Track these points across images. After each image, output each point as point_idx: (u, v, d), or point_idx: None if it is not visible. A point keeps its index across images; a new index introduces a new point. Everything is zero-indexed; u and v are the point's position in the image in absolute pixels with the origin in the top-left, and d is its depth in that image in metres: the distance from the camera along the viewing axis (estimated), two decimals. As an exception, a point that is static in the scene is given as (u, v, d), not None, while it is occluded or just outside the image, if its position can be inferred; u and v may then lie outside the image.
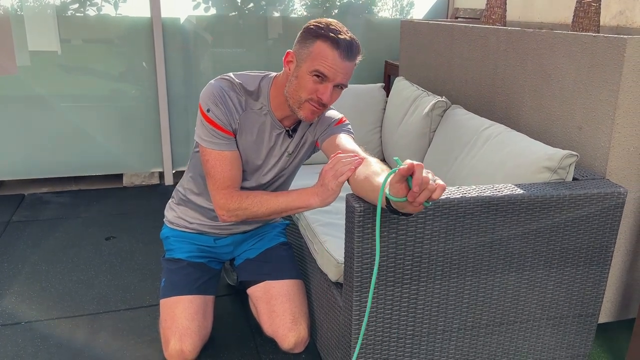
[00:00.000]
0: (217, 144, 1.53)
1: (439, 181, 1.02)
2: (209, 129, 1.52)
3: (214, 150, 1.53)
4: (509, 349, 1.59)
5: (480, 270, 1.46)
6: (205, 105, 1.52)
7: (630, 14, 2.17)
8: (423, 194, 1.00)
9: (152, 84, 3.17)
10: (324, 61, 1.44)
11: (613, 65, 1.56)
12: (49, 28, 2.97)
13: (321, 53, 1.44)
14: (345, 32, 1.47)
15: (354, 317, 1.41)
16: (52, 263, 2.33)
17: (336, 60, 1.44)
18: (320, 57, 1.44)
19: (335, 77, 1.46)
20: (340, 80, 1.48)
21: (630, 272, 1.76)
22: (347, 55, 1.45)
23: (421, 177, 0.98)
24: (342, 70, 1.46)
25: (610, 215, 1.50)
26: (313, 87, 1.47)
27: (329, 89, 1.47)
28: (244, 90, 1.58)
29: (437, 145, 2.06)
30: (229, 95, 1.55)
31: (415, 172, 0.98)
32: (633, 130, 1.60)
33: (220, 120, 1.52)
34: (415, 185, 0.98)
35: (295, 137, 1.66)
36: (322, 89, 1.47)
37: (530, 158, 1.56)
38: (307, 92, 1.48)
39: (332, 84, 1.46)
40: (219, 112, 1.52)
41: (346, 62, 1.46)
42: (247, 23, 3.27)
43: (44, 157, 3.15)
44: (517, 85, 1.99)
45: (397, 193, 1.04)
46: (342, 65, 1.45)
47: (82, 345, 1.81)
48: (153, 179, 3.35)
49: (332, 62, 1.44)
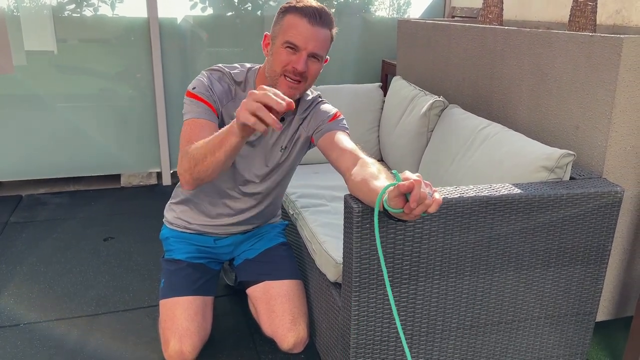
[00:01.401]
0: (194, 112, 1.51)
1: (437, 195, 1.03)
2: (189, 102, 1.53)
3: (189, 119, 1.51)
4: (507, 348, 1.59)
5: (478, 269, 1.46)
6: (191, 86, 1.55)
7: (627, 13, 2.18)
8: (419, 208, 1.01)
9: (150, 84, 3.17)
10: (293, 30, 1.46)
11: (610, 64, 1.57)
12: (46, 28, 2.97)
13: (291, 24, 1.47)
14: (314, 3, 1.50)
15: (352, 317, 1.42)
16: (50, 264, 2.33)
17: (305, 27, 1.46)
18: (290, 28, 1.47)
19: (307, 44, 1.46)
20: (312, 49, 1.47)
21: (628, 270, 1.76)
22: (316, 21, 1.46)
23: (419, 193, 0.99)
24: (312, 37, 1.46)
25: (608, 214, 1.51)
26: (287, 58, 1.48)
27: (303, 58, 1.47)
28: (233, 81, 1.61)
29: (434, 144, 2.06)
30: (220, 83, 1.59)
31: (414, 188, 0.99)
32: (630, 129, 1.60)
33: (203, 94, 1.53)
34: (412, 201, 1.00)
35: (284, 128, 1.66)
36: (295, 59, 1.48)
37: (527, 157, 1.56)
38: (281, 65, 1.49)
39: (305, 52, 1.47)
40: (203, 89, 1.54)
41: (316, 28, 1.47)
42: (245, 23, 3.27)
43: (42, 157, 3.14)
44: (514, 85, 1.99)
45: (395, 205, 1.06)
46: (312, 32, 1.46)
47: (81, 346, 1.81)
48: (151, 179, 3.35)
49: (301, 30, 1.46)
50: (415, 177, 1.01)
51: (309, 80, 1.52)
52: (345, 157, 1.46)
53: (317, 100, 1.68)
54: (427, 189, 1.02)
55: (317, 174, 2.28)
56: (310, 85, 1.58)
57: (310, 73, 1.50)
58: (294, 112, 1.66)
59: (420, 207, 1.01)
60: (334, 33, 1.53)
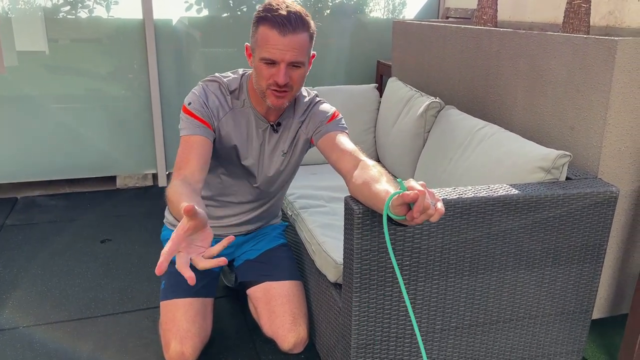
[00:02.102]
0: (188, 129, 1.53)
1: (439, 204, 1.04)
2: (185, 118, 1.54)
3: (184, 135, 1.53)
4: (505, 346, 1.61)
5: (477, 269, 1.48)
6: (187, 101, 1.56)
7: (619, 15, 2.21)
8: (421, 217, 1.03)
9: (145, 85, 3.16)
10: (266, 46, 1.44)
11: (604, 66, 1.59)
12: (39, 29, 2.96)
13: (263, 38, 1.44)
14: (284, 7, 1.43)
15: (353, 318, 1.43)
16: (48, 267, 2.33)
17: (277, 39, 1.42)
18: (263, 42, 1.44)
19: (283, 57, 1.44)
20: (290, 58, 1.44)
21: (622, 268, 1.79)
22: (288, 30, 1.41)
23: (423, 204, 1.01)
24: (287, 48, 1.42)
25: (603, 213, 1.53)
26: (268, 73, 1.47)
27: (282, 71, 1.45)
28: (229, 91, 1.61)
29: (431, 145, 2.08)
30: (216, 95, 1.59)
31: (419, 199, 1.01)
32: (624, 130, 1.63)
33: (198, 111, 1.54)
34: (416, 211, 1.02)
35: (282, 133, 1.67)
36: (275, 72, 1.46)
37: (524, 158, 1.58)
38: (264, 80, 1.48)
39: (283, 64, 1.45)
40: (199, 105, 1.55)
41: (289, 37, 1.42)
42: (240, 24, 3.27)
43: (36, 159, 3.13)
44: (510, 86, 2.01)
45: (398, 213, 1.08)
46: (286, 42, 1.42)
47: (81, 348, 1.81)
48: (147, 180, 3.35)
49: (274, 44, 1.42)
50: (419, 188, 1.03)
51: (295, 87, 1.52)
52: (346, 159, 1.47)
53: (314, 100, 1.69)
54: (430, 198, 1.04)
55: (315, 175, 2.29)
56: (299, 90, 1.57)
57: (294, 81, 1.50)
58: (292, 115, 1.67)
59: (423, 217, 1.03)
60: (312, 31, 1.49)
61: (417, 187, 1.03)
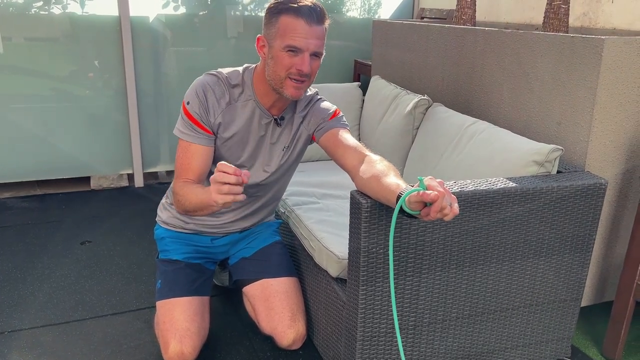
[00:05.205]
0: (188, 135, 1.57)
1: (456, 205, 1.09)
2: (185, 121, 1.58)
3: (184, 141, 1.58)
4: (502, 334, 1.66)
5: (477, 261, 1.52)
6: (186, 98, 1.58)
7: (593, 16, 2.31)
8: (437, 216, 1.07)
9: (121, 83, 3.09)
10: (292, 34, 1.46)
11: (591, 64, 1.66)
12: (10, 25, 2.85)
13: (288, 26, 1.46)
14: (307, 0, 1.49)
15: (359, 311, 1.45)
16: (27, 269, 2.25)
17: (304, 28, 1.46)
18: (288, 30, 1.46)
19: (308, 45, 1.47)
20: (314, 48, 1.48)
21: (607, 257, 1.87)
22: (313, 20, 1.46)
23: (441, 205, 1.05)
24: (312, 37, 1.47)
25: (593, 204, 1.60)
26: (290, 62, 1.48)
27: (306, 59, 1.48)
28: (229, 84, 1.61)
29: (421, 142, 2.12)
30: (213, 90, 1.58)
31: (438, 200, 1.05)
32: (609, 125, 1.70)
33: (197, 114, 1.56)
34: (433, 211, 1.06)
35: (285, 127, 1.67)
36: (298, 61, 1.48)
37: (518, 152, 1.64)
38: (285, 69, 1.49)
39: (307, 53, 1.48)
40: (197, 106, 1.56)
41: (314, 27, 1.47)
42: (218, 22, 3.24)
43: (4, 160, 3.01)
44: (495, 84, 2.07)
45: (414, 208, 1.12)
46: (311, 32, 1.46)
47: (72, 352, 1.76)
48: (122, 181, 3.27)
49: (300, 32, 1.45)
50: (439, 188, 1.06)
51: (312, 78, 1.54)
52: (351, 155, 1.49)
53: (315, 98, 1.70)
54: (448, 198, 1.07)
55: (303, 172, 2.30)
56: (312, 83, 1.59)
57: (313, 71, 1.52)
58: (293, 110, 1.68)
59: (438, 215, 1.07)
60: (327, 25, 1.53)
61: (437, 187, 1.06)
